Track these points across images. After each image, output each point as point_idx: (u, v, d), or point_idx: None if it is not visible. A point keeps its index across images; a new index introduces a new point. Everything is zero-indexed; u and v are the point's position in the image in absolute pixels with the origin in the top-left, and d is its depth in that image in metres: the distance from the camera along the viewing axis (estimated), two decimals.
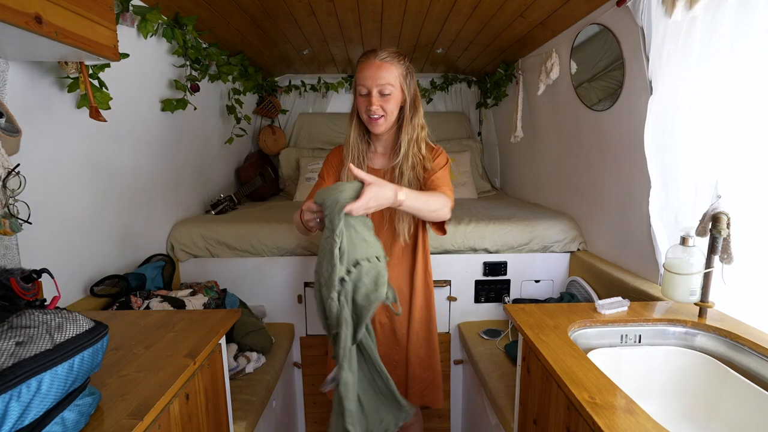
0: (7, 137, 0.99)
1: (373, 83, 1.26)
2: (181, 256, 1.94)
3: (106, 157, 1.52)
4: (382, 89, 1.27)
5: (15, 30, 0.83)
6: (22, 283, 0.93)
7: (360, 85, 1.29)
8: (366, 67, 1.27)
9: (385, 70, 1.26)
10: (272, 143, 3.14)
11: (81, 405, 0.70)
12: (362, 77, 1.27)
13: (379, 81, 1.26)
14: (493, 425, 1.54)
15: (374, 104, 1.27)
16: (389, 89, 1.27)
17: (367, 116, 1.30)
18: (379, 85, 1.26)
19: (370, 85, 1.26)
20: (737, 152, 1.22)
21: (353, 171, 1.04)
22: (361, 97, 1.30)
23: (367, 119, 1.31)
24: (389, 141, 1.40)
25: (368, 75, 1.26)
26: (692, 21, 1.22)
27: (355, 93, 1.32)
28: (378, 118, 1.29)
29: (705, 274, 1.15)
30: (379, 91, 1.27)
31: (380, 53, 1.27)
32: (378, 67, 1.26)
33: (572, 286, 1.89)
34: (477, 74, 3.13)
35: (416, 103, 1.34)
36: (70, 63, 1.17)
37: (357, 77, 1.30)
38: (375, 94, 1.27)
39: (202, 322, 1.13)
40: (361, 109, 1.31)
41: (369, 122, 1.31)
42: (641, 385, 1.10)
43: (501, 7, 1.74)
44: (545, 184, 2.42)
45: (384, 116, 1.29)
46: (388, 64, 1.27)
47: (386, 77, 1.26)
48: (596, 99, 1.75)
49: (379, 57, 1.27)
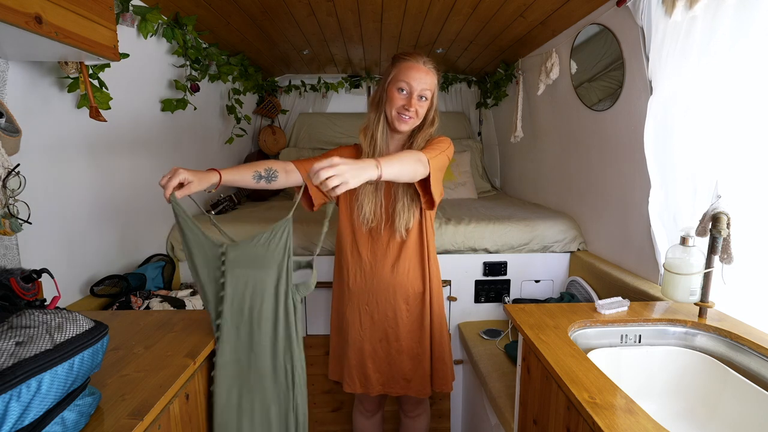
0: (7, 137, 0.99)
1: (418, 85, 1.31)
2: (181, 256, 1.94)
3: (106, 157, 1.51)
4: (424, 93, 1.32)
5: (15, 30, 0.83)
6: (22, 283, 0.94)
7: (403, 82, 1.31)
8: (414, 67, 1.31)
9: (430, 76, 1.33)
10: (272, 143, 3.14)
11: (81, 405, 0.70)
12: (409, 76, 1.30)
13: (423, 85, 1.31)
14: (493, 425, 1.54)
15: (413, 105, 1.31)
16: (428, 95, 1.34)
17: (397, 112, 1.33)
18: (422, 89, 1.32)
19: (414, 86, 1.31)
20: (737, 152, 1.22)
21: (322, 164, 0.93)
22: (398, 94, 1.32)
23: (396, 115, 1.34)
24: (402, 141, 1.43)
25: (416, 76, 1.30)
26: (692, 21, 1.22)
27: (389, 86, 1.34)
28: (409, 118, 1.33)
29: (705, 274, 1.15)
30: (420, 94, 1.32)
31: (426, 59, 1.33)
32: (426, 72, 1.31)
33: (572, 286, 1.89)
34: (477, 74, 3.13)
35: (436, 114, 1.41)
36: (70, 63, 1.17)
37: (399, 73, 1.32)
38: (415, 96, 1.32)
39: (202, 322, 1.13)
40: (394, 104, 1.33)
41: (398, 118, 1.34)
42: (641, 385, 1.10)
43: (501, 7, 1.74)
44: (545, 184, 2.42)
45: (414, 118, 1.34)
46: (431, 72, 1.33)
47: (430, 83, 1.33)
48: (596, 99, 1.75)
49: (426, 63, 1.32)
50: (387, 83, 1.35)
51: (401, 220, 1.39)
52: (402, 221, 1.39)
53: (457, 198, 2.82)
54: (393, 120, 1.35)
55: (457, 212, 2.20)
